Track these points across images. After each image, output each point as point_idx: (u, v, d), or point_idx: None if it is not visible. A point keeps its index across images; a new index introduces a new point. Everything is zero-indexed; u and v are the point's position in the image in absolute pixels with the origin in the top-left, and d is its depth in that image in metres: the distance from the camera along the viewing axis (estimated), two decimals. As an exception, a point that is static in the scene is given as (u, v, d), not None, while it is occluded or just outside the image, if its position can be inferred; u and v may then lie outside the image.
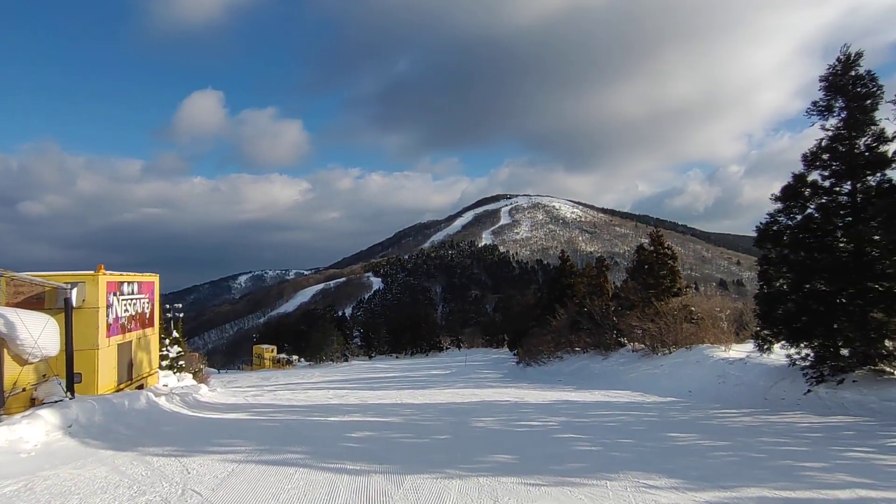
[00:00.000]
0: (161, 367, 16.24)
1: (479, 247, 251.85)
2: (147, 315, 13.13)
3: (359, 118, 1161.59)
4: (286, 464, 5.68)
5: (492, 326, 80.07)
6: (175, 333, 22.85)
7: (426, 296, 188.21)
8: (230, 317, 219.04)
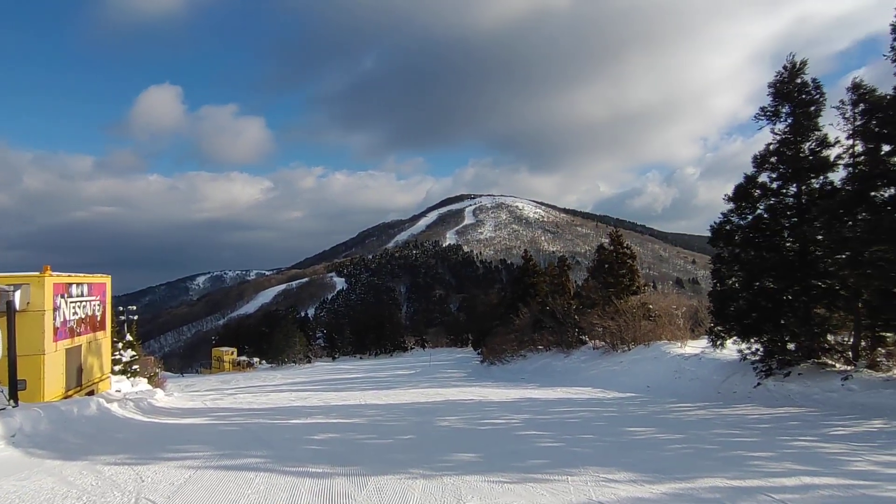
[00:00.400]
0: (114, 372, 15.58)
1: (444, 247, 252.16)
2: (98, 318, 12.58)
3: (323, 116, 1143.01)
4: (246, 468, 5.55)
5: (456, 326, 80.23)
6: (129, 337, 21.93)
7: (390, 296, 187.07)
8: (188, 319, 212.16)
